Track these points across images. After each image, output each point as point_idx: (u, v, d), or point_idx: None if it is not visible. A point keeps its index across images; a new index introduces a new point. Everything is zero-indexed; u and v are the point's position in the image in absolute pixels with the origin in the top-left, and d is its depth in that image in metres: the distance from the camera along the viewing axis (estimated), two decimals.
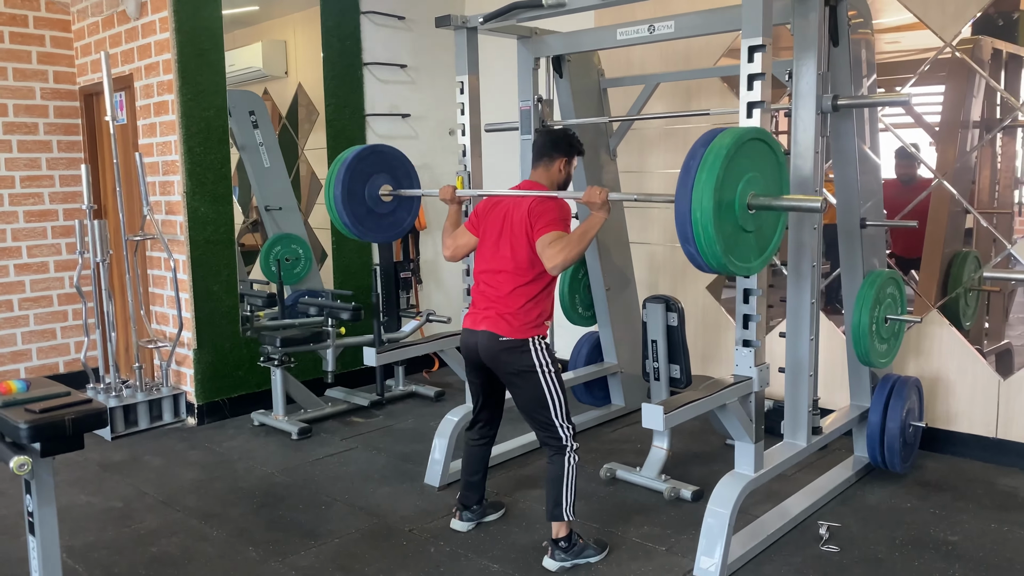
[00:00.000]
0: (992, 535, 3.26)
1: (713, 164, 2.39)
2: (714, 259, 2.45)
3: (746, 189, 2.51)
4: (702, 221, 2.39)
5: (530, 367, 3.02)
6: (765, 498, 3.53)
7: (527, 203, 3.03)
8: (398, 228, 3.95)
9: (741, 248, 2.55)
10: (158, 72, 4.77)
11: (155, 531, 3.46)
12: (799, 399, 3.38)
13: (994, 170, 4.05)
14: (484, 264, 3.16)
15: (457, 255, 3.33)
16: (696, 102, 4.84)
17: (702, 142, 2.46)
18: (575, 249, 2.87)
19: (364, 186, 3.75)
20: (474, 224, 3.25)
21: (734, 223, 2.50)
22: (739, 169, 2.48)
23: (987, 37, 3.91)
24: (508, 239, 3.06)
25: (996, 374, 3.98)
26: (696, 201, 2.39)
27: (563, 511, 3.03)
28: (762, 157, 2.60)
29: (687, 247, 2.46)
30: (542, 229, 2.94)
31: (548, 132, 3.32)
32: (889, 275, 3.70)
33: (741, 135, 2.48)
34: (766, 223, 2.65)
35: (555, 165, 3.18)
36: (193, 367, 4.84)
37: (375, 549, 3.25)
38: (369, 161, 3.76)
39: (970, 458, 4.05)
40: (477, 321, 3.12)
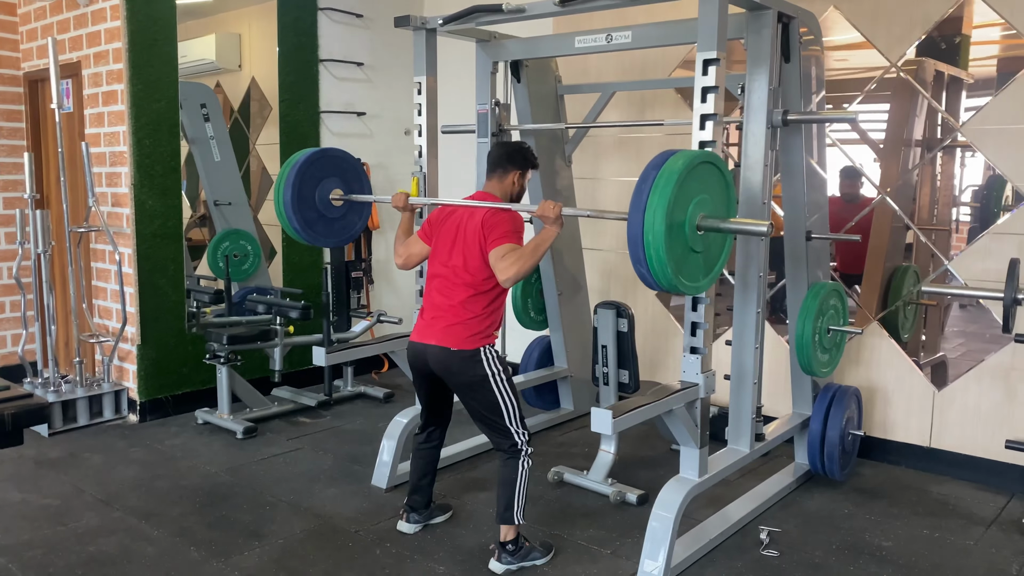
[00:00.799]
0: (923, 541, 3.38)
1: (664, 187, 2.43)
2: (665, 280, 2.50)
3: (696, 211, 2.57)
4: (654, 244, 2.44)
5: (482, 376, 3.03)
6: (708, 503, 3.60)
7: (481, 214, 3.04)
8: (348, 232, 3.92)
9: (690, 268, 2.61)
10: (108, 61, 4.66)
11: (93, 530, 3.38)
12: (743, 406, 3.45)
13: (934, 188, 4.19)
14: (435, 271, 3.15)
15: (409, 264, 3.32)
16: (651, 112, 4.91)
17: (654, 165, 2.51)
18: (528, 262, 2.89)
19: (314, 190, 3.72)
20: (427, 233, 3.25)
21: (684, 244, 2.56)
22: (689, 191, 2.54)
23: (930, 59, 4.05)
24: (461, 249, 3.06)
25: (931, 385, 4.11)
26: (648, 224, 2.43)
27: (514, 514, 3.05)
28: (712, 179, 2.66)
29: (639, 268, 2.50)
30: (495, 241, 2.95)
31: (504, 144, 3.33)
32: (832, 287, 3.80)
33: (692, 159, 2.53)
34: (714, 243, 2.72)
35: (509, 178, 3.19)
36: (136, 363, 4.74)
37: (320, 550, 3.23)
38: (319, 165, 3.73)
39: (905, 466, 4.18)
40: (426, 333, 3.11)
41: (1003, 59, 3.89)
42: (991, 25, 3.86)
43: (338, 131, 5.65)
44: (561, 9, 3.31)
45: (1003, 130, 3.81)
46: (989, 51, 3.96)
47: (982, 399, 3.95)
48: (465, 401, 3.13)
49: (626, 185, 5.07)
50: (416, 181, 3.94)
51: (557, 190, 4.63)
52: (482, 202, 3.09)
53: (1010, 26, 3.76)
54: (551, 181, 4.58)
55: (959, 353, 4.15)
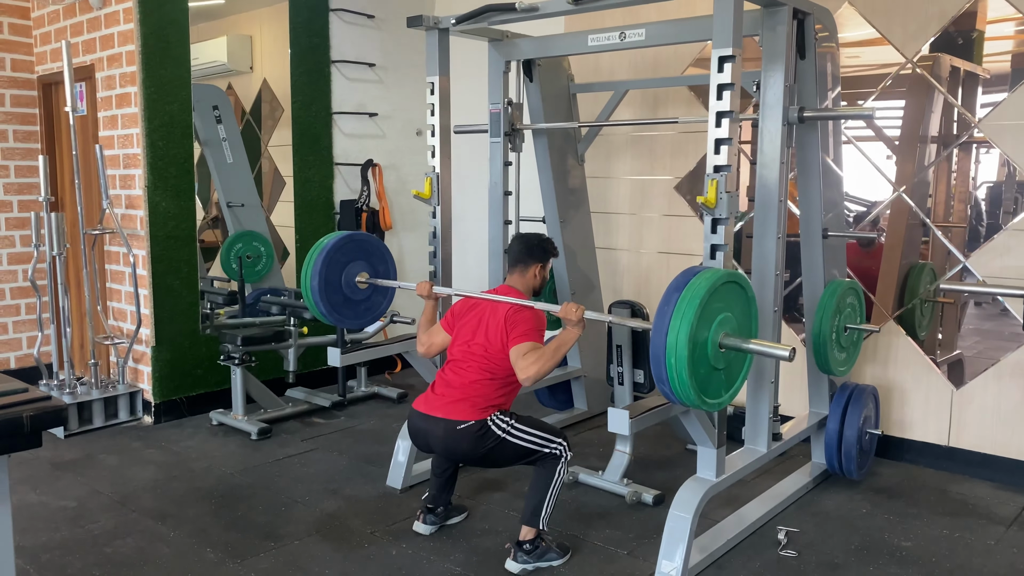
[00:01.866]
0: (943, 541, 3.34)
1: (687, 310, 2.44)
2: (687, 398, 2.51)
3: (719, 329, 2.57)
4: (677, 367, 2.44)
5: (496, 440, 3.04)
6: (725, 503, 3.58)
7: (504, 310, 3.08)
8: (373, 313, 3.94)
9: (712, 386, 2.61)
10: (121, 63, 4.68)
11: (110, 531, 3.38)
12: (760, 405, 3.42)
13: (949, 185, 4.16)
14: (454, 356, 3.19)
15: (431, 352, 3.37)
16: (663, 110, 4.89)
17: (676, 286, 2.50)
18: (549, 362, 2.93)
19: (341, 274, 3.75)
20: (449, 323, 3.29)
21: (706, 364, 2.55)
22: (713, 310, 2.54)
23: (946, 55, 4.01)
24: (482, 340, 3.11)
25: (949, 384, 4.08)
26: (671, 346, 2.44)
27: (540, 519, 3.05)
28: (735, 298, 2.66)
29: (662, 386, 2.51)
30: (518, 338, 3.00)
31: (523, 238, 3.37)
32: (849, 285, 3.78)
33: (716, 279, 2.52)
34: (735, 360, 2.71)
35: (531, 271, 3.27)
36: (151, 364, 4.75)
37: (336, 551, 3.22)
38: (346, 250, 3.75)
39: (923, 465, 4.14)
40: (433, 406, 3.11)
41: (1017, 54, 3.85)
42: (1006, 20, 3.82)
43: (350, 132, 5.65)
44: (574, 7, 3.30)
45: (1021, 125, 3.77)
46: (1004, 46, 3.92)
47: (1001, 398, 3.91)
48: (489, 466, 3.18)
49: (639, 184, 5.05)
50: (429, 181, 3.93)
51: (570, 189, 4.62)
52: (506, 297, 3.14)
53: None
54: (563, 181, 4.56)
55: (975, 352, 4.11)
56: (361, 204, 5.62)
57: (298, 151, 5.42)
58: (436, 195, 3.93)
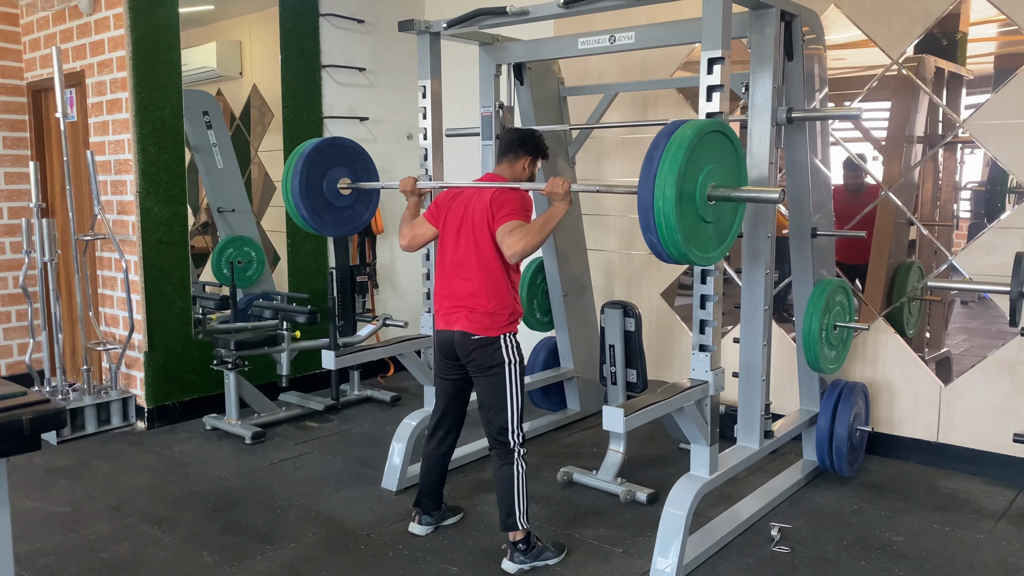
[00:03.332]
0: (933, 535, 3.38)
1: (676, 153, 2.42)
2: (675, 248, 2.48)
3: (707, 180, 2.56)
4: (664, 210, 2.42)
5: (499, 362, 3.05)
6: (718, 501, 3.61)
7: (489, 193, 3.04)
8: (355, 222, 3.93)
9: (700, 238, 2.60)
10: (111, 69, 4.68)
11: (105, 536, 3.38)
12: (752, 403, 3.46)
13: (936, 184, 4.21)
14: (447, 257, 3.15)
15: (414, 244, 3.31)
16: (653, 113, 4.93)
17: (665, 132, 2.50)
18: (536, 237, 2.90)
19: (322, 178, 3.74)
20: (434, 214, 3.24)
21: (694, 213, 2.54)
22: (700, 160, 2.53)
23: (930, 56, 4.06)
24: (470, 230, 3.06)
25: (938, 381, 4.13)
26: (659, 190, 2.42)
27: (517, 520, 3.06)
28: (722, 149, 2.64)
29: (648, 235, 2.48)
30: (503, 218, 2.96)
31: (516, 130, 3.33)
32: (838, 283, 3.82)
33: (703, 126, 2.52)
34: (724, 215, 2.70)
35: (520, 163, 3.20)
36: (144, 370, 4.75)
37: (332, 553, 3.23)
38: (328, 153, 3.75)
39: (913, 461, 4.19)
40: (450, 320, 3.12)
41: (1000, 56, 3.90)
42: (989, 21, 3.88)
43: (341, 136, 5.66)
44: (565, 11, 3.33)
45: (1005, 125, 3.82)
46: (987, 48, 3.97)
47: (989, 393, 3.96)
48: (477, 384, 3.14)
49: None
50: None
51: None
52: (491, 183, 3.10)
53: (1009, 21, 3.77)
54: None
55: (963, 349, 4.16)
56: None
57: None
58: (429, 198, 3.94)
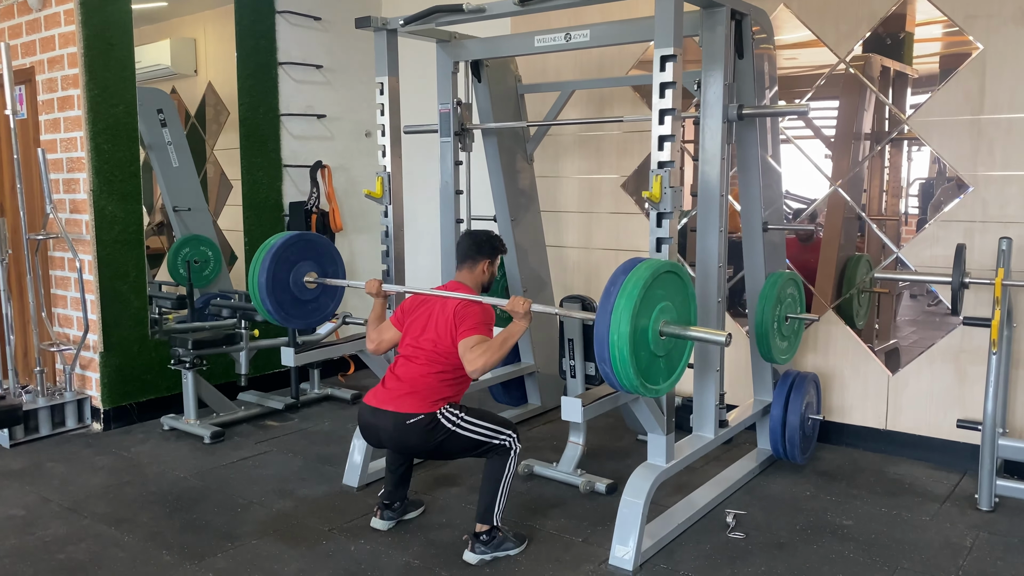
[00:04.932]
0: (882, 519, 3.50)
1: (631, 292, 2.52)
2: (627, 380, 2.57)
3: (659, 317, 2.65)
4: (618, 344, 2.51)
5: (446, 433, 3.09)
6: (675, 490, 3.68)
7: (453, 305, 3.14)
8: (320, 314, 3.95)
9: (653, 372, 2.70)
10: (63, 66, 4.61)
11: (62, 538, 3.34)
12: (706, 394, 3.54)
13: (883, 180, 4.34)
14: (405, 352, 3.24)
15: (380, 349, 3.40)
16: (609, 110, 5.00)
17: (622, 270, 2.61)
18: (495, 355, 2.98)
19: (289, 273, 3.75)
20: (399, 319, 3.33)
21: (647, 348, 2.64)
22: (654, 298, 2.62)
23: (876, 55, 4.19)
24: (432, 335, 3.16)
25: (886, 370, 4.26)
26: (614, 325, 2.51)
27: (494, 515, 3.10)
28: (674, 288, 2.75)
29: (603, 366, 2.58)
30: (466, 332, 3.05)
31: (471, 235, 3.42)
32: (789, 276, 3.92)
33: (658, 267, 2.62)
34: (676, 349, 2.80)
35: (479, 267, 3.32)
36: (99, 371, 4.68)
37: (294, 549, 3.24)
38: (295, 249, 3.76)
39: (863, 449, 4.32)
40: (382, 400, 3.16)
41: (945, 56, 4.04)
42: (934, 23, 4.01)
43: (298, 134, 5.65)
44: (521, 8, 3.38)
45: (946, 121, 3.96)
46: (932, 48, 4.10)
47: (934, 381, 4.10)
48: (439, 458, 3.23)
49: (587, 182, 5.16)
50: (380, 181, 3.96)
51: (520, 189, 4.70)
52: (455, 293, 3.19)
53: (951, 23, 3.91)
54: (513, 180, 4.64)
55: (911, 341, 4.29)
56: (311, 206, 5.61)
57: (246, 154, 5.40)
58: (387, 194, 3.97)
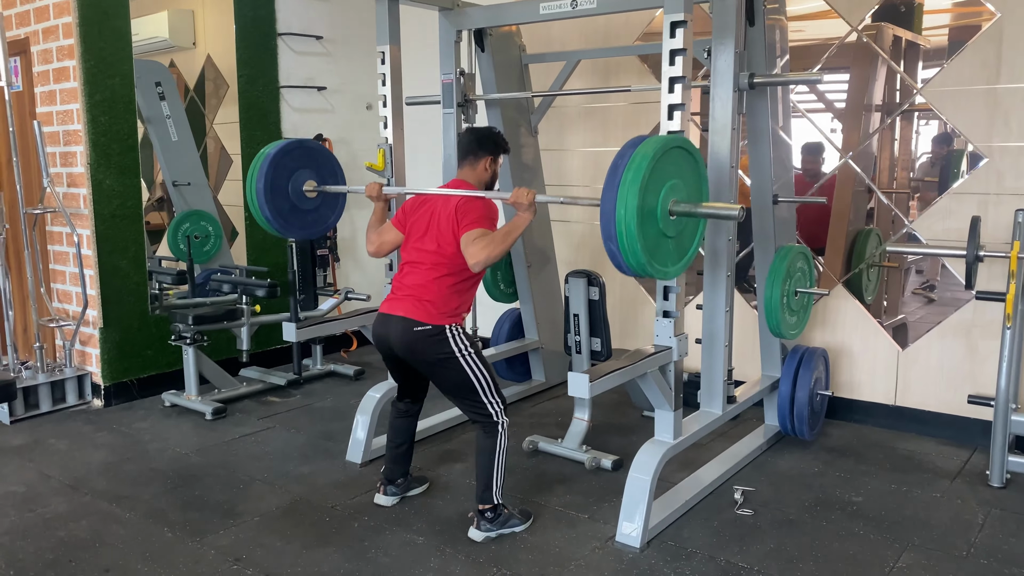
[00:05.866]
0: (892, 495, 3.45)
1: (639, 166, 2.43)
2: (636, 262, 2.50)
3: (668, 195, 2.57)
4: (626, 221, 2.43)
5: (449, 354, 3.02)
6: (682, 466, 3.64)
7: (455, 201, 3.05)
8: (321, 225, 3.88)
9: (662, 253, 2.62)
10: (58, 36, 4.52)
11: (62, 515, 3.31)
12: (715, 369, 3.48)
13: (893, 152, 4.25)
14: (408, 257, 3.16)
15: (381, 251, 3.33)
16: (616, 81, 4.90)
17: (629, 145, 2.52)
18: (499, 247, 2.90)
19: (288, 181, 3.67)
20: (400, 221, 3.24)
21: (656, 228, 2.56)
22: (662, 176, 2.54)
23: (888, 24, 4.09)
24: (435, 235, 3.07)
25: (895, 345, 4.19)
26: (621, 202, 2.43)
27: (492, 494, 3.05)
28: (684, 165, 2.67)
29: (609, 244, 2.49)
30: (468, 226, 2.97)
31: (473, 131, 3.32)
32: (799, 250, 3.85)
33: (665, 142, 2.54)
34: (687, 230, 2.73)
35: (481, 164, 3.21)
36: (99, 347, 4.64)
37: (297, 526, 3.20)
38: (294, 156, 3.68)
39: (872, 425, 4.27)
40: (393, 306, 3.09)
41: (958, 27, 3.93)
42: None
43: (298, 106, 5.56)
44: None
45: (961, 91, 3.86)
46: (944, 18, 4.00)
47: (944, 356, 4.04)
48: (436, 381, 3.13)
49: (592, 156, 5.07)
50: (382, 153, 3.88)
51: (524, 163, 4.61)
52: (456, 190, 3.10)
53: None
54: (517, 153, 4.55)
55: (918, 316, 4.23)
56: None
57: (245, 127, 5.31)
58: (389, 167, 3.89)
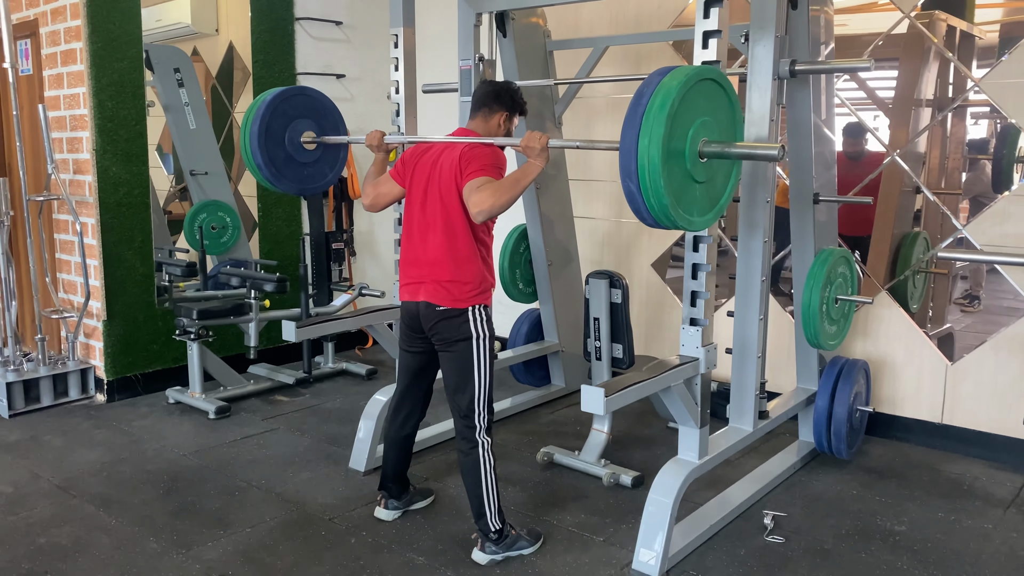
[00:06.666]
0: (938, 525, 3.15)
1: (667, 95, 2.14)
2: (661, 211, 2.20)
3: (699, 134, 2.28)
4: (649, 154, 2.13)
5: (465, 335, 2.77)
6: (707, 485, 3.37)
7: (459, 148, 2.75)
8: (317, 181, 3.63)
9: (690, 200, 2.32)
10: (65, 17, 4.36)
11: (46, 520, 3.13)
12: (746, 382, 3.21)
13: (943, 150, 3.94)
14: (413, 219, 2.86)
15: (377, 204, 3.02)
16: (646, 69, 4.60)
17: (657, 74, 2.23)
18: (505, 195, 2.57)
19: (286, 129, 3.45)
20: (400, 172, 2.94)
21: (684, 172, 2.27)
22: (690, 112, 2.24)
23: (940, 12, 3.77)
24: (436, 188, 2.77)
25: (944, 358, 3.88)
26: (646, 132, 2.14)
27: (488, 520, 2.80)
28: (716, 101, 2.36)
29: (628, 183, 2.19)
30: (472, 174, 2.65)
31: (491, 83, 3.00)
32: (841, 253, 3.55)
33: (698, 72, 2.25)
34: (718, 174, 2.43)
35: (495, 119, 2.89)
36: (102, 339, 4.47)
37: (290, 540, 2.99)
38: (295, 103, 3.46)
39: (914, 443, 3.96)
40: (415, 291, 2.84)
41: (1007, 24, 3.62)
42: None
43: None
44: None
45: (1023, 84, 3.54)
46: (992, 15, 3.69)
47: (998, 372, 3.72)
48: (445, 365, 2.86)
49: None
50: None
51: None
52: (462, 138, 2.81)
53: None
54: None
55: (963, 325, 3.91)
56: None
57: None
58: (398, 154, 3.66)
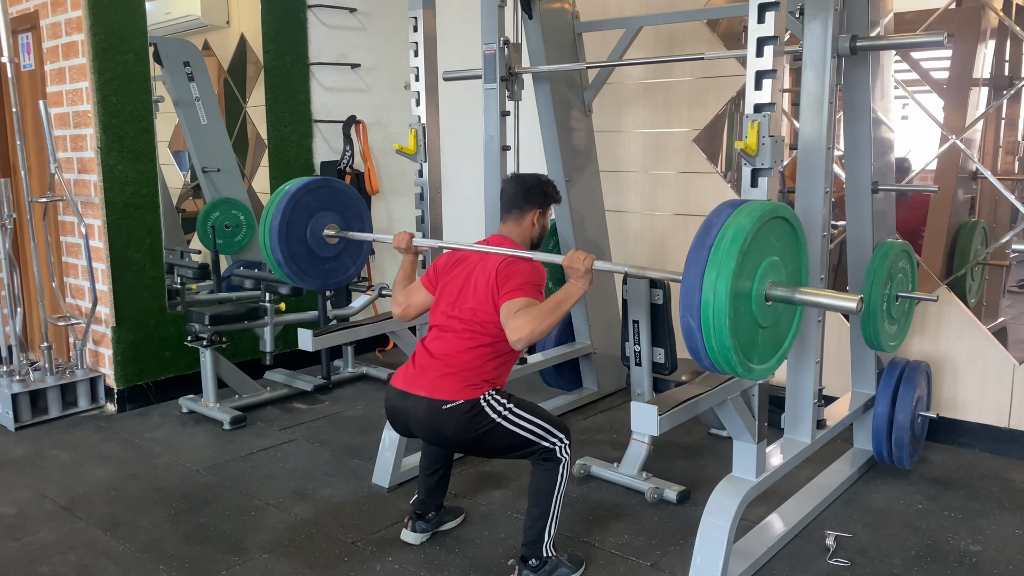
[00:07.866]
0: (1018, 543, 2.87)
1: (737, 233, 1.93)
2: (727, 364, 1.98)
3: (765, 277, 2.05)
4: (716, 305, 1.91)
5: (489, 425, 2.51)
6: (759, 500, 3.09)
7: (496, 261, 2.57)
8: (340, 276, 3.43)
9: (758, 348, 2.11)
10: (66, 7, 4.13)
11: (50, 545, 2.91)
12: (803, 389, 2.93)
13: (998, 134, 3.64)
14: (437, 321, 2.67)
15: (408, 314, 2.84)
16: (679, 51, 4.33)
17: (727, 205, 2.03)
18: (546, 321, 2.40)
19: (307, 222, 3.24)
20: (431, 280, 2.77)
21: (751, 320, 2.05)
22: (757, 253, 2.03)
23: None
24: (470, 299, 2.58)
25: (1011, 357, 3.58)
26: (710, 281, 1.91)
27: (543, 547, 2.55)
28: (785, 240, 2.15)
29: (691, 339, 1.97)
30: (510, 293, 2.47)
31: (518, 179, 2.82)
32: (901, 247, 3.27)
33: (768, 210, 2.03)
34: (783, 318, 2.20)
35: (527, 218, 2.72)
36: (112, 347, 4.26)
37: (309, 567, 2.75)
38: (318, 195, 3.25)
39: (979, 450, 3.67)
40: (413, 381, 2.58)
41: None
42: None
43: (330, 85, 5.11)
44: None
45: None
46: None
47: None
48: (478, 453, 2.67)
49: (652, 138, 4.52)
50: (414, 134, 3.41)
51: (575, 147, 4.09)
52: (498, 248, 2.62)
53: None
54: (568, 134, 4.04)
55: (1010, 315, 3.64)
56: (344, 166, 5.10)
57: (272, 107, 4.89)
58: (423, 150, 3.42)
